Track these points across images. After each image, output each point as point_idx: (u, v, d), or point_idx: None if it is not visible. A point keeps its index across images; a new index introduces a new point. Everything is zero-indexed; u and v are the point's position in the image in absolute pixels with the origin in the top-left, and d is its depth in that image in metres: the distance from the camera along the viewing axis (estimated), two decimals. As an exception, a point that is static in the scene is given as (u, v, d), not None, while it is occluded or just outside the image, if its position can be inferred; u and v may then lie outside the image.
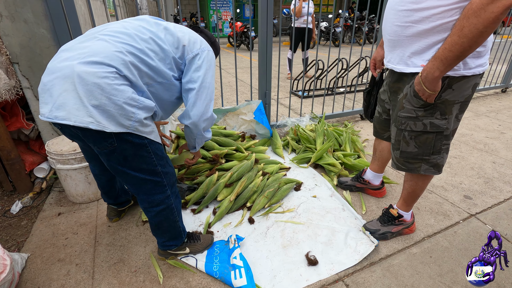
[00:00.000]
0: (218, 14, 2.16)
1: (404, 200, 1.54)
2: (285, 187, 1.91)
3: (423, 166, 1.32)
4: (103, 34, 1.04)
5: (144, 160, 1.11)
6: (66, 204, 1.86)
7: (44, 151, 2.07)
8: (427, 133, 1.23)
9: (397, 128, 1.32)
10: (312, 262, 1.41)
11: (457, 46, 0.95)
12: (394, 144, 1.38)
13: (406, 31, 1.14)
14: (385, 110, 1.53)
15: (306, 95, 4.21)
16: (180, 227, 1.35)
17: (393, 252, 1.51)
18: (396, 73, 1.32)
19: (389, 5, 1.21)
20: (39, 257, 1.46)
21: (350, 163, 2.19)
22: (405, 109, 1.24)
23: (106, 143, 1.01)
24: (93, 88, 0.93)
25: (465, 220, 1.75)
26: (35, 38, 1.72)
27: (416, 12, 1.08)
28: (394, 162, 1.43)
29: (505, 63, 5.21)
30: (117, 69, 0.97)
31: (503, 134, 3.00)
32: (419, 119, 1.22)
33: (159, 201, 1.21)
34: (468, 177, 2.20)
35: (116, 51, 0.99)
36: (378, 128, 1.65)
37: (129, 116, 1.00)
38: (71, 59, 0.97)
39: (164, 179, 1.19)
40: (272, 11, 2.25)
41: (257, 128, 2.55)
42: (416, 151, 1.30)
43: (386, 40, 1.27)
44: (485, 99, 4.26)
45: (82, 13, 3.18)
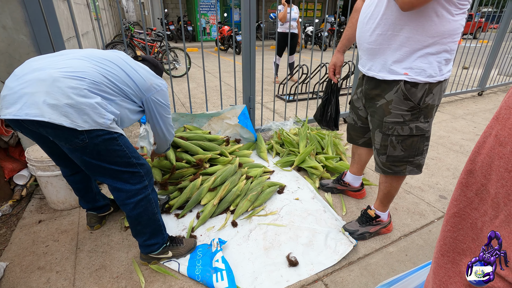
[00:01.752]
0: (206, 18, 2.18)
1: (380, 201, 1.60)
2: (268, 190, 1.95)
3: (408, 168, 1.40)
4: (77, 56, 1.13)
5: (117, 154, 1.15)
6: (47, 211, 1.83)
7: (24, 158, 2.04)
8: (413, 136, 1.32)
9: (383, 134, 1.36)
10: (292, 263, 1.45)
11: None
12: (379, 150, 1.41)
13: (389, 40, 1.20)
14: (360, 118, 1.58)
15: (290, 99, 4.28)
16: (159, 221, 1.36)
17: (371, 252, 1.57)
18: (373, 80, 1.35)
19: (367, 14, 1.26)
20: (18, 265, 1.44)
21: (332, 165, 2.25)
22: (392, 114, 1.30)
23: (77, 139, 1.05)
24: (69, 90, 1.00)
25: (439, 219, 1.83)
26: (14, 44, 1.70)
27: (399, 21, 1.14)
28: (379, 167, 1.46)
29: (481, 67, 5.45)
30: (90, 80, 1.06)
31: (478, 136, 3.13)
32: (406, 124, 1.29)
33: (137, 190, 1.23)
34: (444, 178, 2.30)
35: (90, 68, 1.09)
36: (353, 135, 1.71)
37: (102, 115, 1.07)
38: (46, 68, 1.03)
39: (141, 170, 1.23)
40: (255, 18, 2.30)
41: (242, 132, 2.59)
42: (402, 154, 1.36)
43: (364, 48, 1.32)
44: (463, 102, 4.44)
45: (65, 18, 3.15)
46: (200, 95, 4.60)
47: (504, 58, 5.27)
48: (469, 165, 0.55)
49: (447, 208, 0.60)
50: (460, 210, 0.57)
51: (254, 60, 2.46)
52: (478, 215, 0.54)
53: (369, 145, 1.68)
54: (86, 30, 4.73)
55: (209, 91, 4.77)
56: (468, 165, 0.56)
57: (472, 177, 0.55)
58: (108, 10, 10.69)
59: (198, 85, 5.28)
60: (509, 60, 5.49)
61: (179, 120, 2.45)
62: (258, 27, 11.14)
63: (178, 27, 12.60)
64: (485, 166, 0.52)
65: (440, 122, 3.52)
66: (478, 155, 0.54)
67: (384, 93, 1.31)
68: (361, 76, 1.48)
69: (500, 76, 5.46)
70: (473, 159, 0.55)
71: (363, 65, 1.39)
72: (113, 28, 11.94)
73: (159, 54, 5.80)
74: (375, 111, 1.38)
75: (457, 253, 0.58)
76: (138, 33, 8.03)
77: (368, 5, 1.27)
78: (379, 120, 1.36)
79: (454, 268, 0.59)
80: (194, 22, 12.88)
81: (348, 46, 1.61)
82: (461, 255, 0.58)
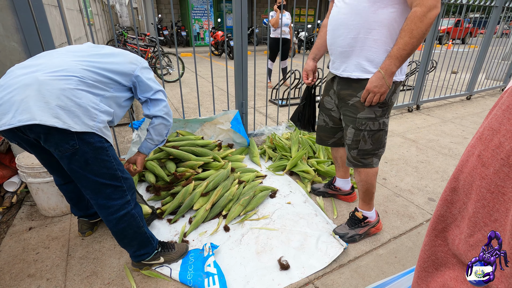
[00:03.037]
0: (199, 23, 2.20)
1: (362, 200, 1.65)
2: (260, 195, 1.97)
3: (374, 160, 1.52)
4: (58, 53, 1.14)
5: (105, 164, 1.14)
6: (38, 218, 1.82)
7: (14, 164, 2.02)
8: (380, 131, 1.46)
9: (355, 129, 1.47)
10: (284, 267, 1.47)
11: (409, 45, 1.20)
12: (350, 145, 1.52)
13: (361, 42, 1.31)
14: (332, 118, 1.66)
15: (283, 104, 4.32)
16: (146, 233, 1.34)
17: (361, 254, 1.59)
18: (346, 81, 1.45)
19: (337, 22, 1.36)
20: (8, 273, 1.43)
21: (323, 169, 2.28)
22: (366, 111, 1.41)
23: (67, 145, 1.04)
24: (58, 92, 1.01)
25: (428, 221, 1.87)
26: (5, 51, 1.70)
27: (368, 25, 1.26)
28: (350, 161, 1.57)
29: (469, 72, 5.57)
30: (78, 77, 1.07)
31: (466, 139, 3.21)
32: (377, 119, 1.42)
33: (119, 206, 1.21)
34: (433, 181, 2.34)
35: (74, 63, 1.09)
36: (322, 136, 1.77)
37: (93, 117, 1.08)
38: (31, 73, 1.03)
39: (124, 184, 1.22)
40: (246, 24, 2.34)
41: (235, 137, 2.61)
42: (371, 148, 1.49)
43: (338, 52, 1.42)
44: (451, 106, 4.53)
45: (57, 23, 3.15)
46: (193, 100, 4.61)
47: (491, 63, 5.41)
48: (453, 182, 0.56)
49: (431, 224, 0.60)
50: (447, 226, 0.58)
51: (246, 65, 2.49)
52: (458, 232, 0.55)
53: (338, 145, 1.77)
54: (78, 35, 4.72)
55: (202, 96, 4.79)
56: (452, 183, 0.56)
57: (456, 194, 0.55)
58: (101, 15, 10.66)
59: (191, 90, 5.29)
60: (495, 65, 5.63)
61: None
62: (252, 32, 11.25)
63: (173, 32, 12.63)
64: (466, 185, 0.52)
65: (429, 126, 3.59)
66: (461, 173, 0.54)
67: (356, 92, 1.42)
68: (330, 80, 1.57)
69: (488, 81, 5.60)
70: (456, 177, 0.55)
71: (337, 68, 1.47)
72: (106, 33, 11.90)
73: (153, 60, 5.81)
74: (348, 109, 1.48)
75: (436, 267, 0.60)
76: (131, 38, 8.04)
77: (335, 15, 1.37)
78: (352, 117, 1.46)
79: (434, 278, 0.60)
80: (188, 27, 12.94)
81: (317, 54, 1.70)
82: (439, 268, 0.59)
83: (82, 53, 1.18)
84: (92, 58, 1.18)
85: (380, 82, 1.29)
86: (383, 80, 1.28)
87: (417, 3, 1.15)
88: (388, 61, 1.26)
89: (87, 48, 1.24)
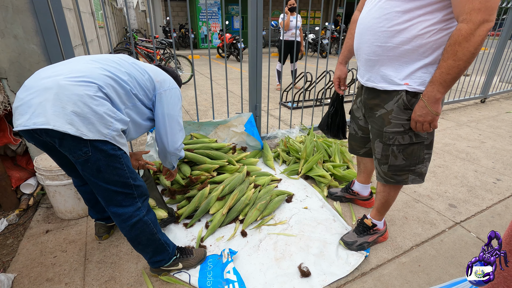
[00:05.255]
0: (207, 25, 2.20)
1: (377, 210, 1.59)
2: (276, 199, 1.94)
3: (410, 177, 1.38)
4: (84, 60, 1.13)
5: (117, 172, 1.12)
6: (54, 221, 1.82)
7: (31, 166, 2.03)
8: (413, 145, 1.30)
9: (383, 144, 1.35)
10: (305, 274, 1.43)
11: (454, 68, 1.04)
12: (380, 159, 1.40)
13: (388, 51, 1.19)
14: (360, 128, 1.57)
15: (295, 106, 4.28)
16: (161, 239, 1.32)
17: (383, 262, 1.54)
18: (373, 90, 1.34)
19: (365, 25, 1.24)
20: (26, 277, 1.42)
21: (340, 174, 2.24)
22: (393, 124, 1.28)
23: (80, 152, 1.03)
24: (75, 98, 0.99)
25: (450, 228, 1.81)
26: (24, 54, 1.71)
27: (398, 33, 1.14)
28: (381, 177, 1.45)
29: (483, 74, 5.47)
30: (99, 85, 1.05)
31: (483, 143, 3.13)
32: (406, 132, 1.28)
33: (130, 213, 1.19)
34: (452, 186, 2.28)
35: (98, 71, 1.08)
36: (354, 145, 1.69)
37: (108, 125, 1.06)
38: (53, 76, 1.02)
39: (135, 191, 1.20)
40: (261, 26, 2.32)
41: (248, 140, 2.58)
42: (403, 163, 1.35)
43: (363, 59, 1.31)
44: (466, 109, 4.44)
45: (71, 26, 3.18)
46: (203, 102, 4.61)
47: (506, 66, 5.30)
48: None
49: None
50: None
51: (261, 68, 2.47)
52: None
53: (370, 155, 1.65)
54: (90, 38, 4.77)
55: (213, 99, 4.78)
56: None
57: None
58: (111, 18, 10.81)
59: (201, 92, 5.29)
60: (511, 67, 5.51)
61: (186, 128, 2.44)
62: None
63: (180, 34, 12.72)
64: None
65: (444, 130, 3.52)
66: None
67: (383, 103, 1.29)
68: (360, 85, 1.47)
69: (502, 83, 5.49)
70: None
71: (362, 76, 1.38)
72: (116, 36, 12.06)
73: (162, 62, 5.84)
74: (374, 121, 1.37)
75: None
76: (141, 40, 8.10)
77: (364, 17, 1.26)
78: (379, 130, 1.35)
79: None
80: (196, 29, 13.01)
81: (349, 57, 1.60)
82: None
83: (110, 62, 1.17)
84: (120, 67, 1.17)
85: (423, 111, 1.15)
86: (426, 108, 1.14)
87: (463, 18, 0.97)
88: (431, 87, 1.11)
89: (119, 58, 1.22)
